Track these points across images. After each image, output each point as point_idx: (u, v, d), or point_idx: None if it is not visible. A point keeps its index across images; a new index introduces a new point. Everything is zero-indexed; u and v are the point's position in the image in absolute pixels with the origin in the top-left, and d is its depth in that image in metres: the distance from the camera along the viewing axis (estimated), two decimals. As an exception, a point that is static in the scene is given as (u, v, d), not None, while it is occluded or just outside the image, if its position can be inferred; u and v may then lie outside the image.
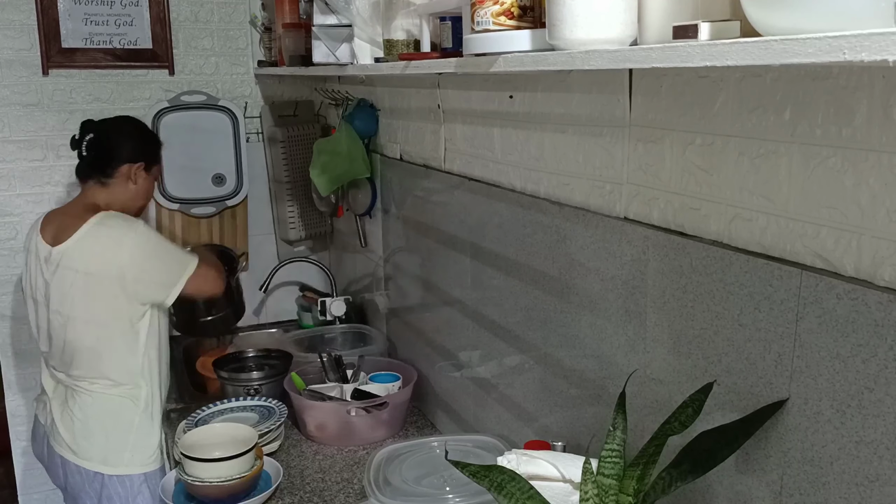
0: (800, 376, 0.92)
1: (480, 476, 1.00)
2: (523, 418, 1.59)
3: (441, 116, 1.85)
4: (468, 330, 1.80)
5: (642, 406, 1.20)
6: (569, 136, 1.35)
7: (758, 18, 0.65)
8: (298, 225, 2.89)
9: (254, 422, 1.97)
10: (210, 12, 2.85)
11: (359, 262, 2.65)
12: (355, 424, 1.98)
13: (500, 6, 1.03)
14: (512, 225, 1.54)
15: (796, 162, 0.91)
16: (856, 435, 0.85)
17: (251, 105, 2.97)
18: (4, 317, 2.76)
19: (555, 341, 1.43)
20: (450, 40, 1.42)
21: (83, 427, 2.08)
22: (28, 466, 2.83)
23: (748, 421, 0.96)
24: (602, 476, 0.99)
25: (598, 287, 1.28)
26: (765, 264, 0.95)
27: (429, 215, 1.97)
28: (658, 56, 0.73)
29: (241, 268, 2.70)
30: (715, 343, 1.04)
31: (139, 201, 2.20)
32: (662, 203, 1.14)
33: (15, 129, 2.67)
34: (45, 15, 2.63)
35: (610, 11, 0.83)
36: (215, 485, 1.67)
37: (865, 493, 0.85)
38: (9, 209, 2.71)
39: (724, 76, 0.99)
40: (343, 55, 1.78)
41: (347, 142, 2.28)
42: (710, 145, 1.03)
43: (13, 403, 2.82)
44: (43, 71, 2.66)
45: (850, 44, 0.53)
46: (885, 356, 0.81)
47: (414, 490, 1.51)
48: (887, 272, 0.81)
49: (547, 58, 0.91)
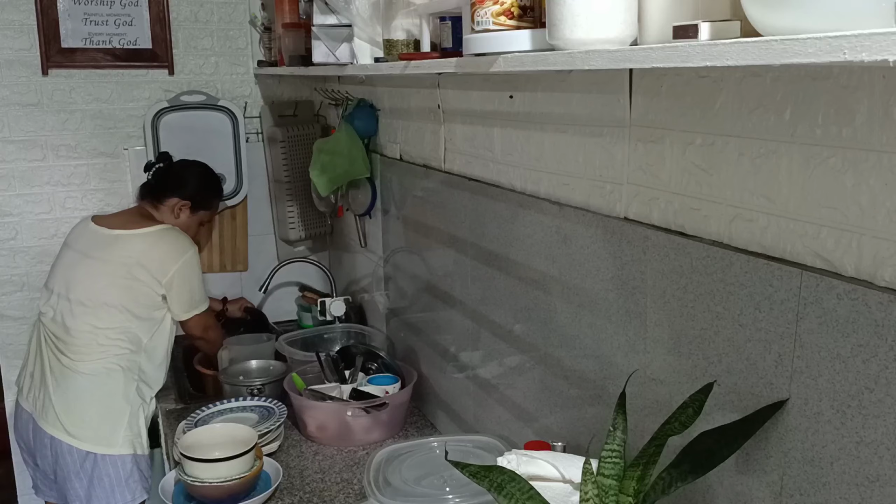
0: (800, 376, 0.91)
1: (480, 476, 1.00)
2: (523, 419, 1.59)
3: (441, 116, 1.85)
4: (468, 330, 1.80)
5: (642, 406, 1.20)
6: (569, 136, 1.35)
7: (758, 18, 0.65)
8: (298, 225, 2.89)
9: (253, 422, 1.97)
10: (210, 12, 2.85)
11: (359, 262, 2.65)
12: (355, 425, 1.98)
13: (500, 6, 1.03)
14: (512, 225, 1.54)
15: (796, 162, 0.90)
16: (856, 435, 0.85)
17: (251, 105, 2.97)
18: (4, 317, 2.76)
19: (555, 341, 1.43)
20: (450, 40, 1.42)
21: (78, 408, 2.14)
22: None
23: (748, 421, 0.96)
24: (602, 476, 0.99)
25: (598, 287, 1.28)
26: (765, 264, 0.95)
27: (429, 215, 1.97)
28: (658, 56, 0.73)
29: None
30: (715, 343, 1.04)
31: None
32: (663, 203, 1.14)
33: (15, 129, 2.67)
34: (45, 15, 2.63)
35: (610, 11, 0.83)
36: (215, 485, 1.67)
37: (866, 494, 0.85)
38: (8, 209, 2.71)
39: (724, 76, 0.99)
40: (343, 55, 1.78)
41: (347, 142, 2.28)
42: (711, 145, 1.03)
43: (13, 403, 2.82)
44: (43, 71, 2.66)
45: (850, 44, 0.53)
46: (886, 356, 0.81)
47: (414, 490, 1.51)
48: (888, 272, 0.81)
49: (547, 58, 0.91)
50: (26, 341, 2.76)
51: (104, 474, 2.13)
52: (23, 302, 2.77)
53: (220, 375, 2.34)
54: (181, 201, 2.37)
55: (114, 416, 2.16)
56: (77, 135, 2.75)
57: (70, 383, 2.16)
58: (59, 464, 2.16)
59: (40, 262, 2.76)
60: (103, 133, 2.79)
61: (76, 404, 2.15)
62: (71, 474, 2.14)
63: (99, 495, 2.13)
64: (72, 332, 2.18)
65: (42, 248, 2.76)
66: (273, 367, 2.39)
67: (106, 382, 2.16)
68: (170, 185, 2.38)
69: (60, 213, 2.77)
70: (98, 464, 2.13)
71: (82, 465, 2.13)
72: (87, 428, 2.14)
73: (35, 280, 2.77)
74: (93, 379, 2.15)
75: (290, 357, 2.37)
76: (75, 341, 2.17)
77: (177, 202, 2.36)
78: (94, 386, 2.15)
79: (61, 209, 2.77)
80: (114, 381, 2.17)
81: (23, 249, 2.75)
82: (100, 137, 2.78)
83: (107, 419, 2.15)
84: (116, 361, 2.17)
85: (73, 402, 2.15)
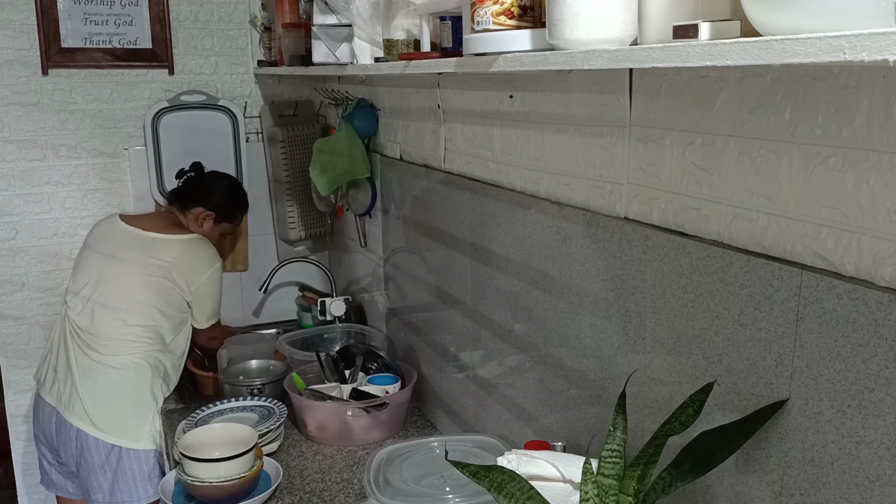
0: (800, 376, 0.91)
1: (480, 476, 1.00)
2: (523, 418, 1.59)
3: (441, 116, 1.85)
4: (468, 330, 1.80)
5: (642, 406, 1.20)
6: (569, 136, 1.35)
7: (758, 18, 0.65)
8: (298, 225, 2.89)
9: (253, 422, 1.97)
10: (210, 12, 2.85)
11: (359, 262, 2.65)
12: (355, 425, 1.98)
13: (500, 6, 1.03)
14: (512, 225, 1.54)
15: (797, 162, 0.90)
16: (856, 435, 0.85)
17: (251, 105, 2.97)
18: (4, 317, 2.76)
19: (555, 341, 1.43)
20: (450, 40, 1.42)
21: (106, 402, 2.19)
22: (28, 466, 2.83)
23: (748, 421, 0.96)
24: (602, 476, 0.99)
25: (599, 287, 1.28)
26: (765, 264, 0.95)
27: (429, 215, 1.97)
28: (658, 56, 0.73)
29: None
30: (715, 343, 1.04)
31: None
32: (663, 203, 1.14)
33: (15, 129, 2.67)
34: (45, 15, 2.62)
35: (610, 11, 0.83)
36: (215, 485, 1.67)
37: (866, 493, 0.85)
38: (8, 209, 2.71)
39: (724, 76, 0.99)
40: (343, 55, 1.78)
41: (347, 142, 2.28)
42: (711, 145, 1.03)
43: (13, 403, 2.82)
44: (43, 71, 2.66)
45: (850, 44, 0.53)
46: (886, 356, 0.81)
47: (414, 490, 1.51)
48: (888, 272, 0.81)
49: (547, 58, 0.91)
50: (26, 340, 2.78)
51: (128, 468, 2.18)
52: (23, 302, 2.77)
53: (219, 375, 2.34)
54: (206, 211, 2.46)
55: (140, 411, 2.22)
56: (77, 135, 2.75)
57: (99, 377, 2.21)
58: (83, 456, 2.20)
59: (40, 262, 2.76)
60: (103, 133, 2.79)
61: (105, 398, 2.20)
62: (96, 467, 2.19)
63: (122, 489, 2.17)
64: (102, 328, 2.24)
65: (42, 248, 2.76)
66: (273, 366, 2.39)
67: (135, 377, 2.22)
68: (198, 194, 2.48)
69: (60, 213, 2.77)
70: (123, 458, 2.18)
71: (107, 457, 2.18)
72: (115, 421, 2.19)
73: (35, 280, 2.77)
74: (123, 373, 2.22)
75: (290, 357, 2.37)
76: (105, 337, 2.23)
77: (202, 212, 2.45)
78: (123, 380, 2.21)
79: (61, 209, 2.77)
80: (142, 376, 2.23)
81: (23, 249, 2.75)
82: (100, 137, 2.78)
83: (133, 414, 2.21)
84: (144, 357, 2.24)
85: (101, 396, 2.20)
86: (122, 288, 2.27)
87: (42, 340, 2.77)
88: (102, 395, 2.20)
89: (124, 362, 2.22)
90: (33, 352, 2.79)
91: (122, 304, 2.25)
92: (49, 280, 2.78)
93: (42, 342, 2.76)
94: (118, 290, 2.27)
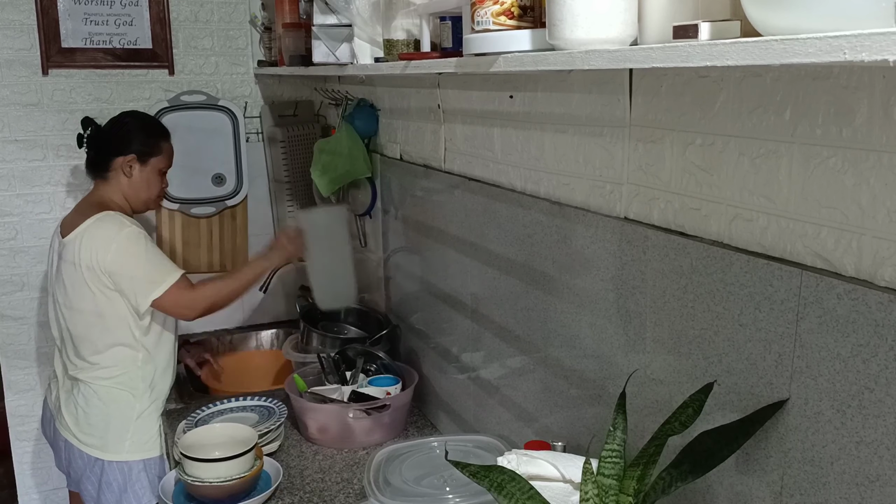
0: (800, 376, 0.91)
1: (480, 476, 1.00)
2: (523, 418, 1.59)
3: (441, 116, 1.85)
4: (468, 330, 1.80)
5: (642, 406, 1.20)
6: (569, 136, 1.35)
7: (758, 18, 0.65)
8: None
9: (253, 422, 1.97)
10: (210, 12, 2.85)
11: (359, 262, 2.64)
12: (357, 427, 1.98)
13: (500, 6, 1.03)
14: (512, 225, 1.54)
15: (796, 162, 0.90)
16: (856, 435, 0.85)
17: (251, 105, 2.97)
18: (4, 317, 2.76)
19: (555, 341, 1.43)
20: (450, 40, 1.42)
21: (85, 415, 2.14)
22: (28, 466, 2.83)
23: (748, 421, 0.96)
24: (602, 476, 0.99)
25: (599, 287, 1.28)
26: (765, 264, 0.95)
27: (429, 215, 1.97)
28: (658, 56, 0.73)
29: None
30: (715, 343, 1.04)
31: (140, 193, 2.21)
32: (662, 203, 1.14)
33: (15, 129, 2.67)
34: (45, 15, 2.62)
35: (610, 11, 0.83)
36: (215, 485, 1.67)
37: (866, 493, 0.85)
38: (8, 209, 2.71)
39: (724, 76, 0.99)
40: (343, 55, 1.78)
41: (348, 142, 2.28)
42: (711, 145, 1.03)
43: (13, 403, 2.82)
44: (43, 71, 2.66)
45: (850, 44, 0.53)
46: (886, 356, 0.81)
47: (414, 490, 1.51)
48: (888, 272, 0.81)
49: (547, 58, 0.91)
50: (26, 340, 2.78)
51: (112, 479, 2.14)
52: (23, 302, 2.77)
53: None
54: (124, 158, 2.16)
55: (118, 425, 2.14)
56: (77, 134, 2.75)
57: (76, 390, 2.16)
58: (72, 465, 2.20)
59: (40, 262, 2.75)
60: (103, 133, 2.78)
61: (84, 410, 2.14)
62: (82, 477, 2.17)
63: (108, 499, 2.14)
64: (72, 343, 2.15)
65: (42, 248, 2.75)
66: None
67: (107, 392, 2.13)
68: (107, 148, 2.18)
69: (60, 213, 2.75)
70: (105, 469, 2.14)
71: (91, 469, 2.15)
72: (94, 435, 2.14)
73: (35, 280, 2.77)
74: (95, 388, 2.13)
75: (289, 356, 2.37)
76: (75, 353, 2.15)
77: (121, 162, 2.16)
78: (95, 396, 2.13)
79: (61, 209, 2.76)
80: (115, 390, 2.13)
81: (23, 249, 2.75)
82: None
83: (111, 427, 2.14)
84: (121, 370, 2.12)
85: (81, 408, 2.14)
86: (67, 300, 2.11)
87: (42, 340, 2.77)
88: (83, 406, 2.13)
89: (95, 377, 2.12)
90: (33, 352, 2.79)
91: (73, 317, 2.10)
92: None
93: (42, 342, 2.77)
94: (65, 303, 2.12)
